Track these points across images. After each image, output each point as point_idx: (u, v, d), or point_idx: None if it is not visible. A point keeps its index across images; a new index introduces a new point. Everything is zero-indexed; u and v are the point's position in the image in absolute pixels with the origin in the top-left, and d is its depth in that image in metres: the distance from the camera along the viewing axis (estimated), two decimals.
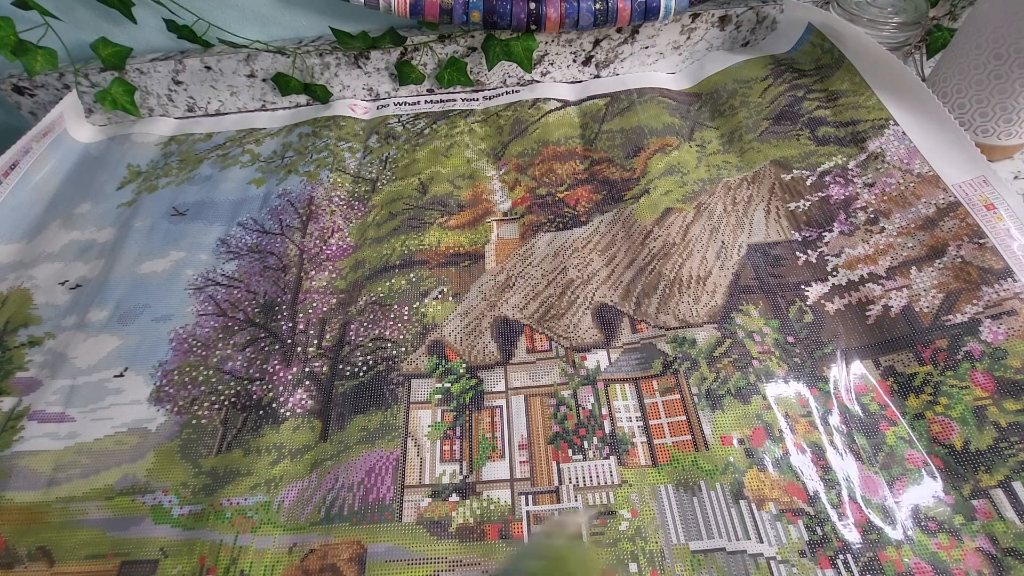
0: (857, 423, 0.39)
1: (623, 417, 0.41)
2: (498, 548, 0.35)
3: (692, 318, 0.45)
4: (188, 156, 0.64)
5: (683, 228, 0.51)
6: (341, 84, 0.68)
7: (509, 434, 0.41)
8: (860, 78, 0.57)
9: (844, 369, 0.41)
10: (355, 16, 0.66)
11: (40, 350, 0.48)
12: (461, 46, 0.65)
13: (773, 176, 0.54)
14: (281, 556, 0.36)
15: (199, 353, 0.47)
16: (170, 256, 0.54)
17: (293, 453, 0.40)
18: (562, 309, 0.47)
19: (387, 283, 0.50)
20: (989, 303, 0.42)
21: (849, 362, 0.42)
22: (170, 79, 0.66)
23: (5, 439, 0.42)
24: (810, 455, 0.37)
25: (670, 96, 0.65)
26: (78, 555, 0.37)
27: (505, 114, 0.65)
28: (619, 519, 0.36)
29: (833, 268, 0.47)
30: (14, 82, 0.65)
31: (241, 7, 0.64)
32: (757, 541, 0.34)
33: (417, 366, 0.44)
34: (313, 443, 0.41)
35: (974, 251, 0.45)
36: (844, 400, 0.40)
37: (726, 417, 0.39)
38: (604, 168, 0.58)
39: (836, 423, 0.39)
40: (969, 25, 0.50)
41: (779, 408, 0.39)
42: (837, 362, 0.42)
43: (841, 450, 0.38)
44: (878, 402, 0.40)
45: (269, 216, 0.57)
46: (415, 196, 0.58)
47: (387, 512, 0.37)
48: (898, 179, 0.50)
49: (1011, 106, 0.49)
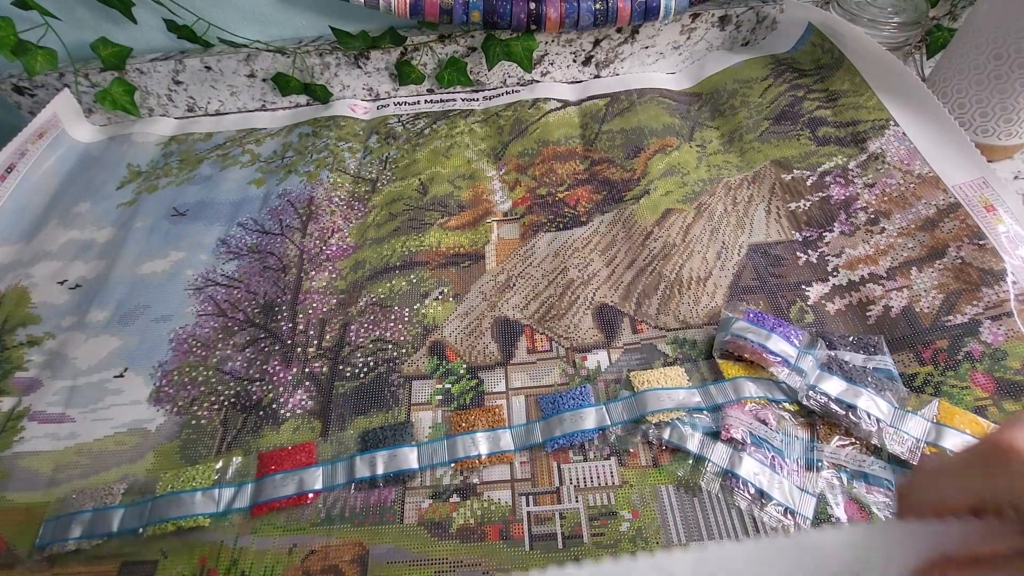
0: None
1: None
2: (499, 549, 0.35)
3: (692, 319, 0.45)
4: (188, 156, 0.64)
5: (683, 229, 0.51)
6: (341, 84, 0.68)
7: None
8: (860, 78, 0.57)
9: None
10: (355, 16, 0.66)
11: (40, 350, 0.48)
12: (461, 46, 0.65)
13: (773, 176, 0.54)
14: (281, 557, 0.36)
15: (199, 353, 0.47)
16: (170, 256, 0.54)
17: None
18: (562, 309, 0.47)
19: (387, 284, 0.50)
20: (989, 304, 0.42)
21: None
22: (170, 79, 0.66)
23: (5, 440, 0.42)
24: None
25: (670, 96, 0.65)
26: (78, 556, 0.37)
27: (505, 114, 0.65)
28: (620, 520, 0.36)
29: (834, 268, 0.47)
30: (14, 82, 0.65)
31: (241, 7, 0.64)
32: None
33: (418, 367, 0.44)
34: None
35: (974, 252, 0.45)
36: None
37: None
38: (604, 168, 0.58)
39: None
40: (969, 25, 0.50)
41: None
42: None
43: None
44: None
45: (269, 216, 0.57)
46: (415, 196, 0.57)
47: (388, 513, 0.37)
48: (898, 180, 0.50)
49: (1011, 106, 0.49)
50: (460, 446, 0.39)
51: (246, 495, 0.38)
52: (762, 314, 0.43)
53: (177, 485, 0.38)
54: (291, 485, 0.38)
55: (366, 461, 0.39)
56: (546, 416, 0.40)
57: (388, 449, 0.39)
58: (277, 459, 0.39)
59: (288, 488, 0.38)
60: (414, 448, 0.40)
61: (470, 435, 0.40)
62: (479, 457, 0.39)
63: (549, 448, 0.39)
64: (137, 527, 0.36)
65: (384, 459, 0.39)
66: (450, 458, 0.39)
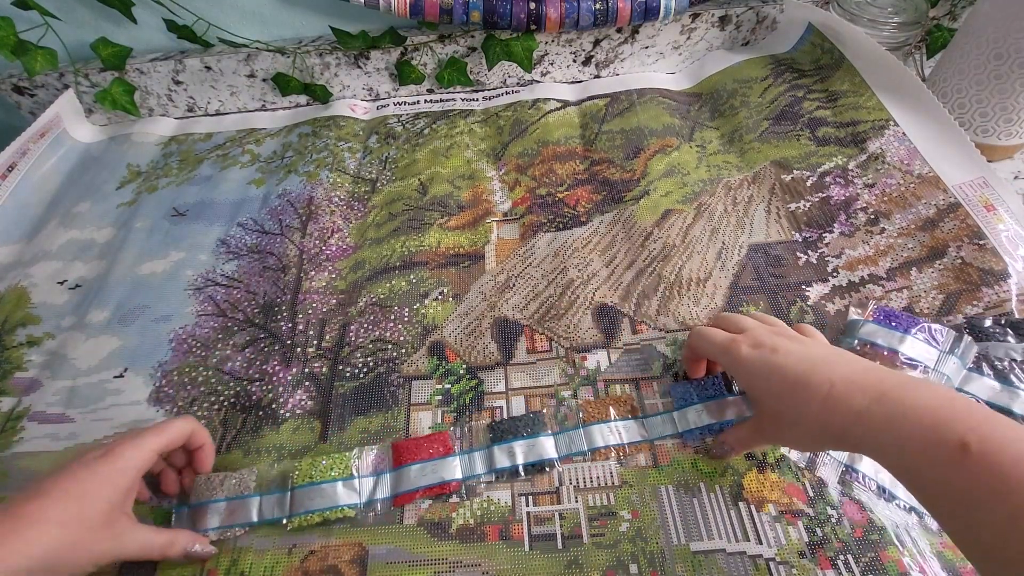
0: None
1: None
2: (498, 549, 0.35)
3: (692, 320, 0.45)
4: (188, 156, 0.64)
5: (683, 229, 0.51)
6: (341, 84, 0.68)
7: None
8: (860, 78, 0.57)
9: None
10: (355, 16, 0.66)
11: (39, 350, 0.48)
12: (461, 46, 0.65)
13: (773, 176, 0.54)
14: (281, 557, 0.36)
15: (199, 354, 0.47)
16: (170, 256, 0.54)
17: (293, 454, 0.40)
18: (562, 309, 0.47)
19: (387, 284, 0.50)
20: (989, 304, 0.42)
21: None
22: (170, 79, 0.66)
23: (5, 440, 0.42)
24: (810, 455, 0.37)
25: (670, 96, 0.65)
26: None
27: (505, 114, 0.65)
28: (619, 520, 0.36)
29: (834, 269, 0.47)
30: (14, 82, 0.65)
31: (241, 7, 0.64)
32: (756, 543, 0.34)
33: (418, 368, 0.44)
34: (313, 444, 0.41)
35: (974, 252, 0.45)
36: None
37: None
38: (604, 168, 0.58)
39: None
40: (969, 25, 0.50)
41: None
42: None
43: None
44: None
45: (269, 216, 0.57)
46: (415, 197, 0.57)
47: (388, 514, 0.37)
48: (898, 180, 0.50)
49: (1011, 106, 0.49)
50: (598, 435, 0.39)
51: (387, 485, 0.38)
52: (894, 312, 0.40)
53: (316, 475, 0.38)
54: (430, 475, 0.38)
55: (504, 451, 0.39)
56: (680, 406, 0.40)
57: (526, 439, 0.39)
58: (412, 449, 0.39)
59: (428, 478, 0.38)
60: (550, 437, 0.39)
61: (607, 424, 0.40)
62: (620, 447, 0.39)
63: (688, 439, 0.39)
64: (280, 518, 0.37)
65: (523, 448, 0.39)
66: (588, 447, 0.39)
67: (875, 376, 0.29)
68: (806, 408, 0.30)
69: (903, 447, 0.26)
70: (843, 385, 0.29)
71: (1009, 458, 0.23)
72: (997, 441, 0.24)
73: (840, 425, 0.28)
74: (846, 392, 0.29)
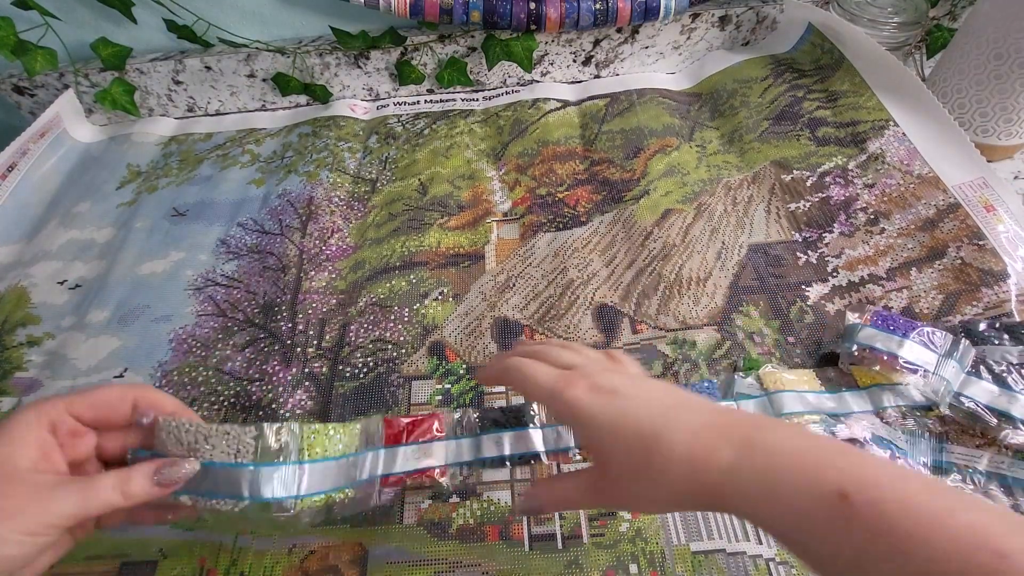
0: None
1: None
2: (498, 549, 0.35)
3: (692, 320, 0.45)
4: (188, 156, 0.64)
5: (683, 229, 0.51)
6: (341, 84, 0.68)
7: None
8: (860, 78, 0.57)
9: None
10: (355, 16, 0.66)
11: (39, 350, 0.48)
12: (461, 46, 0.65)
13: (773, 176, 0.54)
14: (280, 557, 0.36)
15: (199, 354, 0.47)
16: (170, 256, 0.54)
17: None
18: (562, 309, 0.47)
19: (387, 284, 0.50)
20: (989, 304, 0.42)
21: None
22: (170, 79, 0.66)
23: None
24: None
25: (670, 96, 0.65)
26: (78, 556, 0.37)
27: (505, 114, 0.65)
28: (619, 520, 0.36)
29: (833, 269, 0.47)
30: (14, 82, 0.65)
31: (241, 7, 0.64)
32: (756, 543, 0.34)
33: (418, 368, 0.44)
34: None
35: (974, 252, 0.45)
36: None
37: None
38: (604, 168, 0.58)
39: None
40: (969, 25, 0.50)
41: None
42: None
43: None
44: None
45: (269, 216, 0.57)
46: (415, 197, 0.57)
47: (388, 514, 0.37)
48: (898, 180, 0.50)
49: (1011, 106, 0.49)
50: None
51: (379, 461, 0.36)
52: (892, 315, 0.39)
53: (331, 449, 0.32)
54: (419, 457, 0.37)
55: (492, 440, 0.38)
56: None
57: (514, 430, 0.38)
58: (405, 426, 0.38)
59: (415, 462, 0.37)
60: (538, 430, 0.38)
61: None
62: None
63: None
64: (285, 497, 0.29)
65: (511, 440, 0.38)
66: (576, 444, 0.38)
67: (731, 418, 0.25)
68: (666, 467, 0.24)
69: (777, 499, 0.22)
70: (705, 434, 0.24)
71: (894, 506, 0.20)
72: (876, 486, 0.20)
73: (712, 484, 0.23)
74: (710, 443, 0.23)
